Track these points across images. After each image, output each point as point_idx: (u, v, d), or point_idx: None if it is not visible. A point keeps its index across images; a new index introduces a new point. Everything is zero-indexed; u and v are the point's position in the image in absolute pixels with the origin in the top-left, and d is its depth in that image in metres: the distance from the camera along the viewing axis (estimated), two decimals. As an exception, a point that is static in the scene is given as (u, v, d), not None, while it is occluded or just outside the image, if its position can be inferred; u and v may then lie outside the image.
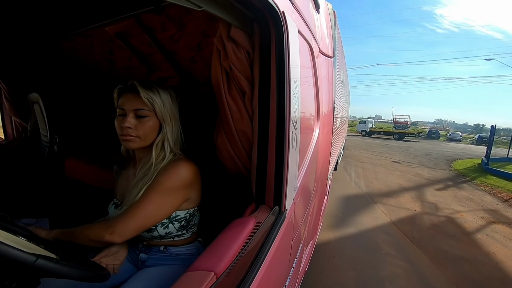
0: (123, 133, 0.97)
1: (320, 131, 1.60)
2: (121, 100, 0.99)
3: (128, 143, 0.98)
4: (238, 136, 1.00)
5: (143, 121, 0.98)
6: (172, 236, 1.03)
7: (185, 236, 1.07)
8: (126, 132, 0.96)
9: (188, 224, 1.05)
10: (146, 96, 0.96)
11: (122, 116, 0.98)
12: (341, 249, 3.29)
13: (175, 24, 1.15)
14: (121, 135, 0.98)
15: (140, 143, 0.99)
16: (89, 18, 1.26)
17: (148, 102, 0.96)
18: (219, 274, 0.65)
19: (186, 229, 1.05)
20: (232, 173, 1.14)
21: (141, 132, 0.97)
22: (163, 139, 1.01)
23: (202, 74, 1.54)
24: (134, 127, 0.96)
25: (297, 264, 1.28)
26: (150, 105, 0.97)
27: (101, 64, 1.73)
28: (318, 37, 1.52)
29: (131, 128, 0.96)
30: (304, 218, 1.36)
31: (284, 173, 0.91)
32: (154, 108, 0.98)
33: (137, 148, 1.02)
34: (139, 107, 0.97)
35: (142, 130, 0.97)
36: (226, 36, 0.84)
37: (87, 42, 1.46)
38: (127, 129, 0.95)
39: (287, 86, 0.87)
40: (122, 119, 0.97)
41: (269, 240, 0.82)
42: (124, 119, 0.96)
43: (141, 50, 1.43)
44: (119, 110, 0.99)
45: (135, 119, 0.97)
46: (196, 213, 1.08)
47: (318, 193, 1.87)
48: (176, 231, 1.02)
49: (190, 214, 1.05)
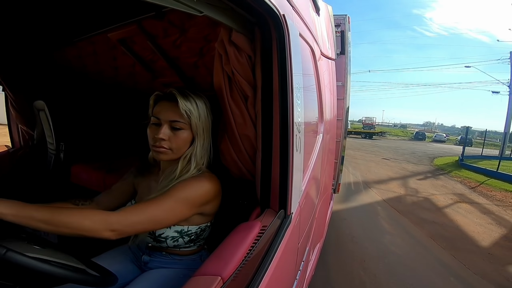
0: (156, 144, 0.93)
1: (324, 133, 1.59)
2: (157, 108, 0.95)
3: (160, 155, 0.94)
4: (241, 140, 1.00)
5: (177, 134, 0.93)
6: (179, 248, 1.02)
7: (192, 249, 1.06)
8: (159, 143, 0.92)
9: (197, 239, 1.02)
10: (185, 108, 0.91)
11: (156, 126, 0.94)
12: (349, 215, 4.66)
13: (177, 30, 1.16)
14: (154, 146, 0.94)
15: (171, 156, 0.95)
16: (92, 24, 1.28)
17: (186, 115, 0.92)
18: (225, 278, 0.65)
19: (194, 242, 1.03)
20: (236, 177, 1.13)
21: (175, 145, 0.93)
22: (191, 153, 0.97)
23: (205, 79, 1.55)
24: (168, 139, 0.92)
25: (304, 268, 1.27)
26: (187, 117, 0.93)
27: (105, 71, 1.75)
28: (319, 40, 1.52)
29: (165, 140, 0.92)
30: (310, 221, 1.35)
31: (289, 176, 0.90)
32: (190, 121, 0.94)
33: (167, 160, 0.98)
34: (175, 119, 0.92)
35: (176, 143, 0.94)
36: (228, 41, 0.85)
37: (91, 49, 1.48)
38: (160, 141, 0.92)
39: (290, 89, 0.87)
40: (156, 129, 0.93)
41: (275, 244, 0.82)
42: (158, 129, 0.93)
43: (144, 57, 1.44)
44: (154, 118, 0.95)
45: (170, 130, 0.93)
46: (207, 229, 1.05)
47: (324, 196, 1.86)
48: (185, 244, 1.00)
49: (202, 229, 1.01)
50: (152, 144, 0.94)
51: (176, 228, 0.96)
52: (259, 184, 0.96)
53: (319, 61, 1.50)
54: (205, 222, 1.01)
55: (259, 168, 0.96)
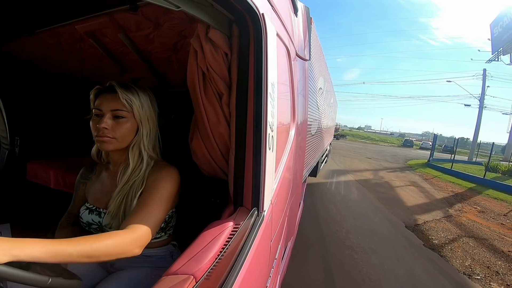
0: (99, 134, 0.93)
1: (296, 133, 1.62)
2: (98, 101, 0.96)
3: (103, 144, 0.95)
4: (215, 138, 1.00)
5: (120, 122, 0.95)
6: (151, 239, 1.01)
7: (162, 238, 1.06)
8: (102, 133, 0.93)
9: (166, 226, 1.04)
10: (125, 97, 0.94)
11: (99, 117, 0.95)
12: (330, 186, 7.59)
13: (151, 24, 1.12)
14: (97, 136, 0.94)
15: (116, 145, 0.96)
16: (58, 15, 1.20)
17: (126, 103, 0.94)
18: (198, 277, 0.64)
19: (164, 231, 1.05)
20: (208, 175, 1.12)
21: (118, 133, 0.95)
22: (139, 142, 0.99)
23: (177, 75, 1.51)
24: (111, 128, 0.94)
25: (276, 265, 1.29)
26: (128, 106, 0.95)
27: (69, 64, 1.65)
28: (295, 40, 1.55)
29: (107, 129, 0.93)
30: (281, 219, 1.37)
31: (262, 174, 0.91)
32: (132, 110, 0.96)
33: (113, 150, 0.99)
34: (116, 108, 0.94)
35: (119, 131, 0.95)
36: (204, 37, 0.84)
37: (55, 40, 1.38)
38: (103, 130, 0.92)
39: (264, 88, 0.88)
40: (99, 120, 0.94)
41: (248, 242, 0.82)
42: (100, 119, 0.94)
43: (113, 50, 1.38)
44: (96, 110, 0.96)
45: (112, 120, 0.94)
46: (174, 215, 1.07)
47: (294, 194, 1.90)
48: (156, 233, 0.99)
49: (169, 216, 1.04)
50: (95, 134, 0.95)
51: None
52: (232, 182, 0.96)
53: (294, 62, 1.52)
54: (170, 208, 1.02)
55: (232, 166, 0.96)
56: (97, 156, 1.09)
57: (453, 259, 3.78)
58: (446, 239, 4.50)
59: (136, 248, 0.76)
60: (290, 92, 1.48)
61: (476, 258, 3.89)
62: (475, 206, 7.08)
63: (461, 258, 3.82)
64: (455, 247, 4.22)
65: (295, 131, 1.60)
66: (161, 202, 0.90)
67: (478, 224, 5.52)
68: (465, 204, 7.20)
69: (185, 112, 1.04)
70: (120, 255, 0.73)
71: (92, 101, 0.98)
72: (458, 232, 4.92)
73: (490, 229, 5.25)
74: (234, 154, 0.94)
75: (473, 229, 5.14)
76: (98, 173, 1.12)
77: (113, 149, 0.98)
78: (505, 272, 3.54)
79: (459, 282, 3.20)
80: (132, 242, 0.76)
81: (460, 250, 4.10)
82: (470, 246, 4.30)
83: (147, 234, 0.81)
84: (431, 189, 8.72)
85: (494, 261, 3.84)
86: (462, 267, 3.55)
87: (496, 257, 3.98)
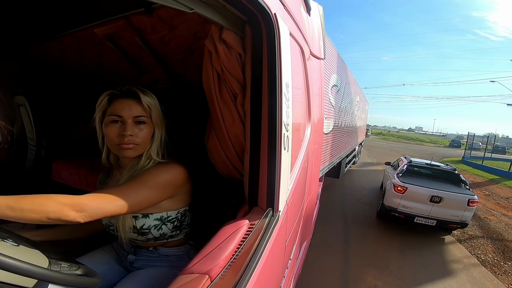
0: (123, 141, 0.91)
1: (312, 132, 1.61)
2: (115, 107, 0.93)
3: (128, 151, 0.94)
4: (230, 139, 1.00)
5: (141, 128, 0.95)
6: (166, 237, 1.02)
7: (179, 237, 1.07)
8: (128, 140, 0.92)
9: (181, 224, 1.04)
10: (146, 102, 0.94)
11: (117, 123, 0.93)
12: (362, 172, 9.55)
13: (166, 26, 1.14)
14: (121, 143, 0.92)
15: (139, 151, 0.96)
16: (77, 19, 1.25)
17: (148, 109, 0.94)
18: (213, 277, 0.64)
19: (180, 229, 1.05)
20: (224, 175, 1.13)
21: (141, 139, 0.95)
22: (154, 145, 0.99)
23: (193, 77, 1.53)
24: (135, 134, 0.93)
25: (291, 266, 1.28)
26: (149, 111, 0.95)
27: (89, 67, 1.71)
28: (309, 39, 1.53)
29: (132, 136, 0.92)
30: (297, 220, 1.36)
31: (277, 175, 0.91)
32: (151, 114, 0.96)
33: (135, 156, 0.97)
34: (139, 114, 0.94)
35: (142, 137, 0.95)
36: (218, 38, 0.84)
37: (75, 44, 1.44)
38: (129, 137, 0.91)
39: (278, 88, 0.87)
40: (121, 127, 0.92)
41: (263, 242, 0.82)
42: (124, 126, 0.92)
43: (130, 53, 1.42)
44: (114, 117, 0.93)
45: (134, 126, 0.94)
46: (187, 213, 1.07)
47: (310, 194, 1.88)
48: (170, 231, 1.01)
49: (182, 214, 1.04)
50: (118, 142, 0.92)
51: (155, 216, 0.97)
52: (247, 182, 0.96)
53: (308, 61, 1.51)
54: (182, 206, 1.03)
55: (247, 166, 0.96)
56: (107, 161, 1.06)
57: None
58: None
59: (71, 211, 0.70)
60: (305, 92, 1.47)
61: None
62: (485, 191, 7.94)
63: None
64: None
65: (310, 130, 1.58)
66: (144, 185, 0.87)
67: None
68: (476, 189, 7.85)
69: (202, 112, 1.04)
70: (50, 214, 0.67)
71: (104, 106, 0.95)
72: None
73: (483, 206, 6.30)
74: (249, 154, 0.94)
75: (469, 205, 6.17)
76: (113, 177, 1.11)
77: (136, 155, 0.97)
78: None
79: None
80: (67, 203, 0.70)
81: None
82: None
83: (92, 204, 0.75)
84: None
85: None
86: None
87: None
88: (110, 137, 0.93)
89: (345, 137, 5.13)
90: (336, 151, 4.13)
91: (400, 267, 3.49)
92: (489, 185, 9.00)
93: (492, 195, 7.61)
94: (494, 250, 4.18)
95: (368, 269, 3.40)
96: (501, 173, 11.42)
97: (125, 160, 1.01)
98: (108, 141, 0.96)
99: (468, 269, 3.55)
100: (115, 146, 0.94)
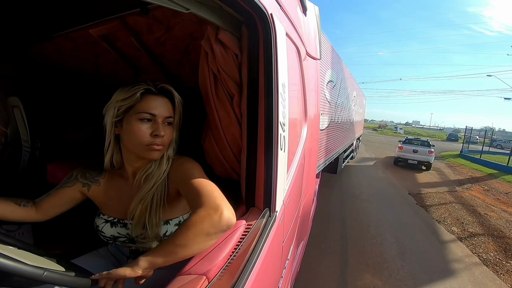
0: (155, 142, 0.85)
1: (308, 132, 1.61)
2: (146, 103, 0.85)
3: (157, 153, 0.88)
4: (227, 139, 1.00)
5: (169, 130, 0.89)
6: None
7: None
8: (160, 141, 0.86)
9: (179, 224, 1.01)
10: (178, 103, 0.89)
11: (148, 122, 0.86)
12: (360, 167, 9.66)
13: (162, 27, 1.14)
14: (153, 144, 0.85)
15: (163, 152, 0.91)
16: (72, 19, 1.23)
17: (177, 110, 0.90)
18: (211, 278, 0.64)
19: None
20: (221, 176, 1.13)
21: (167, 140, 0.89)
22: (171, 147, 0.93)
23: (189, 78, 1.53)
24: (166, 136, 0.88)
25: (288, 266, 1.28)
26: (174, 113, 0.90)
27: (85, 68, 1.69)
28: (305, 40, 1.54)
29: (163, 138, 0.87)
30: (294, 219, 1.37)
31: (274, 175, 0.91)
32: (174, 116, 0.91)
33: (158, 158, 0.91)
34: (170, 115, 0.88)
35: (168, 138, 0.89)
36: (214, 39, 0.84)
37: (71, 44, 1.42)
38: (161, 138, 0.86)
39: (275, 89, 0.88)
40: (152, 126, 0.86)
41: (260, 242, 0.82)
42: (156, 126, 0.85)
43: (127, 53, 1.41)
44: (147, 114, 0.84)
45: (164, 126, 0.88)
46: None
47: (307, 193, 1.88)
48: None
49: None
50: (147, 143, 0.85)
51: (175, 222, 0.92)
52: (244, 183, 0.96)
53: (305, 61, 1.51)
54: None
55: (244, 166, 0.96)
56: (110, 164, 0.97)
57: (434, 213, 5.18)
58: (438, 203, 5.87)
59: (216, 216, 0.67)
60: (302, 92, 1.47)
61: (454, 214, 5.16)
62: (484, 186, 8.05)
63: (441, 213, 5.17)
64: (442, 207, 5.57)
65: (307, 129, 1.58)
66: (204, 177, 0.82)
67: (475, 197, 6.63)
68: (475, 184, 8.23)
69: (199, 113, 1.03)
70: (206, 231, 0.65)
71: (135, 101, 0.85)
72: (452, 200, 6.17)
73: (483, 201, 6.31)
74: (246, 154, 0.94)
75: (468, 200, 6.27)
76: (109, 179, 0.99)
77: (160, 157, 0.91)
78: (468, 223, 4.80)
79: (429, 222, 4.70)
80: (211, 214, 0.67)
81: (444, 209, 5.44)
82: (455, 208, 5.54)
83: (220, 197, 0.72)
84: (450, 173, 10.10)
85: (466, 217, 5.07)
86: (438, 217, 4.95)
87: (470, 215, 5.17)
88: (139, 135, 0.85)
89: (342, 133, 5.21)
90: (333, 147, 4.18)
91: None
92: (488, 180, 9.05)
93: (492, 190, 7.65)
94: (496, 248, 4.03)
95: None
96: (500, 168, 11.37)
97: (136, 162, 0.93)
98: (134, 140, 0.86)
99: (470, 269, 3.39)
100: (142, 146, 0.86)
